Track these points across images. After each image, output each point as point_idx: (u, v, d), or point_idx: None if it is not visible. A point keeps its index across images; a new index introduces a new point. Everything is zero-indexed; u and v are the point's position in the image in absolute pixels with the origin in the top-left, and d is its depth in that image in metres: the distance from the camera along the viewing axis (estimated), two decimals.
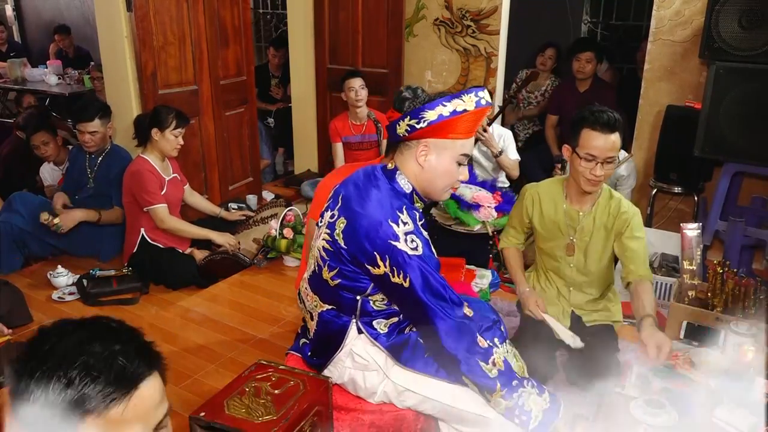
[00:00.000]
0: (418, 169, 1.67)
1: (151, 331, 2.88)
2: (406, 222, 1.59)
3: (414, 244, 1.58)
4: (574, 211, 2.31)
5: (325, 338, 1.78)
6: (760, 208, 3.47)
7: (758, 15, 2.79)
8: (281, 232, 3.44)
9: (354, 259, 1.63)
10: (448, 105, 1.57)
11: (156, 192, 3.24)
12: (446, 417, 1.76)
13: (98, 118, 3.45)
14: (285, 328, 2.90)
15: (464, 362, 1.59)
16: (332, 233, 1.67)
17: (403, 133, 1.63)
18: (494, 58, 4.33)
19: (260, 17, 7.13)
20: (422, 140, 1.63)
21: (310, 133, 5.05)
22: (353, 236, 1.61)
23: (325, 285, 1.72)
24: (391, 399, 1.77)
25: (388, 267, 1.57)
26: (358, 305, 1.70)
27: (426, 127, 1.59)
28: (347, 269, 1.65)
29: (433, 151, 1.64)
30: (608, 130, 2.11)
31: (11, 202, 3.55)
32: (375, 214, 1.59)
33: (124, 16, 3.50)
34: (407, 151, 1.68)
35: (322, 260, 1.71)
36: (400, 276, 1.57)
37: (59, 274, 3.28)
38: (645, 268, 2.23)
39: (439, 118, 1.57)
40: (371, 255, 1.58)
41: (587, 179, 2.18)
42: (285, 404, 1.54)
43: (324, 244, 1.70)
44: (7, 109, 6.33)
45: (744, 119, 2.90)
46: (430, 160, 1.65)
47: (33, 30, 8.04)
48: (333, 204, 1.74)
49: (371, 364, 1.73)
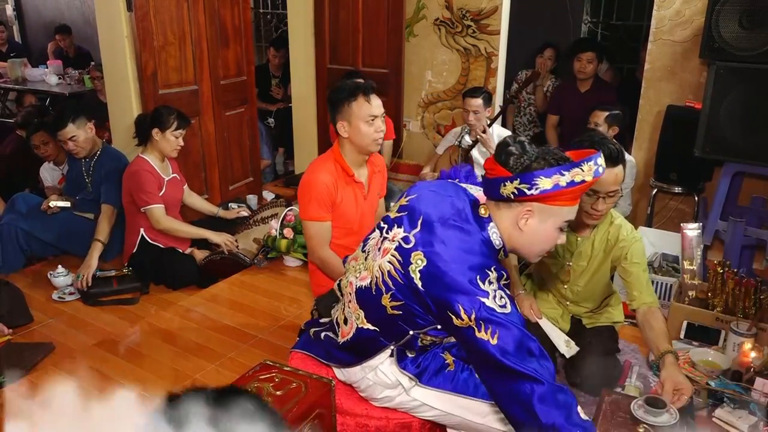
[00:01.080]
0: (515, 231, 1.54)
1: (151, 331, 2.88)
2: (492, 282, 1.46)
3: (503, 301, 1.45)
4: (573, 236, 2.25)
5: (355, 349, 1.72)
6: (761, 208, 3.46)
7: (758, 15, 2.78)
8: (281, 232, 3.44)
9: (433, 303, 1.49)
10: (566, 174, 1.42)
11: (153, 192, 3.24)
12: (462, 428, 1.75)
13: (71, 122, 3.38)
14: (285, 328, 2.90)
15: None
16: (406, 266, 1.51)
17: (509, 195, 1.47)
18: (494, 58, 4.33)
19: (260, 17, 7.13)
20: (527, 203, 1.49)
21: (311, 133, 5.05)
22: (434, 282, 1.47)
23: (380, 309, 1.59)
24: (408, 409, 1.76)
25: (474, 322, 1.42)
26: (406, 338, 1.62)
27: (537, 195, 1.44)
28: (415, 308, 1.54)
29: (536, 216, 1.51)
30: (611, 164, 2.00)
31: (14, 203, 3.56)
32: (462, 266, 1.45)
33: (125, 16, 3.50)
34: (506, 209, 1.53)
35: (385, 285, 1.56)
36: (488, 332, 1.41)
37: (59, 274, 3.28)
38: (650, 295, 2.14)
39: (554, 188, 1.43)
40: (455, 307, 1.43)
41: (589, 213, 2.11)
42: (285, 406, 1.54)
43: (391, 270, 1.54)
44: (8, 109, 6.34)
45: (744, 119, 2.89)
46: (531, 225, 1.52)
47: (33, 30, 8.05)
48: (408, 221, 1.57)
49: (392, 383, 1.71)
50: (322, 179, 2.40)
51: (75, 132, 3.41)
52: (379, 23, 4.51)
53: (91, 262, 3.23)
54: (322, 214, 2.40)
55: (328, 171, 2.43)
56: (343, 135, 2.41)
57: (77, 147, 3.44)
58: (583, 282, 2.32)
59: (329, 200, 2.41)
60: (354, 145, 2.42)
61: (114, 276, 3.25)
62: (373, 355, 1.68)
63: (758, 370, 2.08)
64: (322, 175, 2.41)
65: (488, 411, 1.67)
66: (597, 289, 2.36)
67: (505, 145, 1.50)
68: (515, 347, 1.40)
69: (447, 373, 1.71)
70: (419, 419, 1.79)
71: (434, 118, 4.70)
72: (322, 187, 2.39)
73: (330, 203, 2.42)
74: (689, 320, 2.55)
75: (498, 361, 1.40)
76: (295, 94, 5.09)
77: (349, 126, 2.39)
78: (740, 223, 3.13)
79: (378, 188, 2.63)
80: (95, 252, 3.27)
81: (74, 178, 3.66)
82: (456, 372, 1.70)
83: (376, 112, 2.38)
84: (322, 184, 2.39)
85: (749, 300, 2.50)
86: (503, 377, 1.41)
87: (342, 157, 2.45)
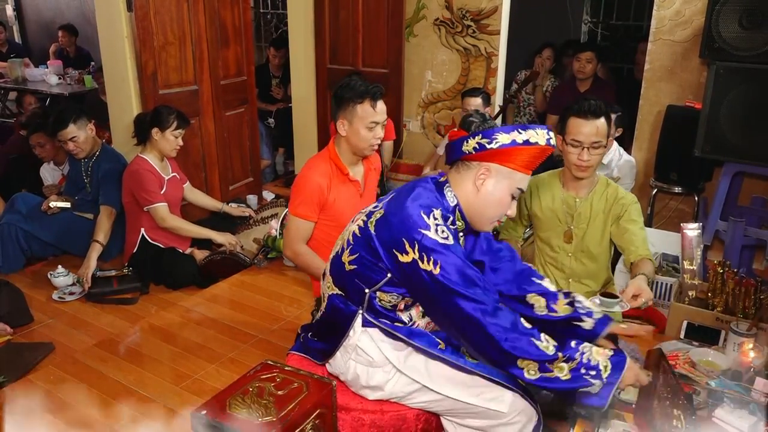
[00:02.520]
0: (472, 191, 1.66)
1: (151, 331, 2.88)
2: (437, 218, 1.59)
3: (445, 234, 1.58)
4: (571, 198, 2.38)
5: (331, 324, 1.78)
6: (761, 208, 3.47)
7: (758, 15, 2.79)
8: (281, 232, 3.44)
9: (382, 245, 1.62)
10: (522, 133, 1.58)
11: (156, 191, 3.25)
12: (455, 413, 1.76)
13: (72, 123, 3.39)
14: (285, 328, 2.90)
15: (514, 343, 1.54)
16: (367, 221, 1.67)
17: (470, 150, 1.61)
18: (494, 58, 4.33)
19: (260, 17, 7.13)
20: (485, 163, 1.63)
21: (311, 133, 5.05)
22: (384, 224, 1.62)
23: (342, 268, 1.71)
24: (400, 398, 1.77)
25: (417, 253, 1.56)
26: (366, 298, 1.70)
27: (496, 149, 1.58)
28: (367, 258, 1.65)
29: (493, 176, 1.64)
30: (593, 116, 2.22)
31: (13, 203, 3.56)
32: (410, 207, 1.60)
33: (125, 16, 3.51)
34: (465, 171, 1.67)
35: (347, 243, 1.71)
36: (430, 262, 1.55)
37: (59, 274, 3.28)
38: (646, 249, 2.25)
39: (512, 143, 1.58)
40: (399, 241, 1.58)
41: (576, 165, 2.27)
42: (286, 406, 1.54)
43: (355, 229, 1.70)
44: (8, 109, 6.34)
45: (744, 119, 2.90)
46: (488, 185, 1.65)
47: (33, 30, 8.04)
48: (383, 199, 1.75)
49: (377, 360, 1.73)
50: (316, 180, 2.44)
51: (76, 132, 3.42)
52: (379, 23, 4.51)
53: (89, 264, 3.23)
54: (308, 214, 2.46)
55: (322, 172, 2.46)
56: (341, 133, 2.44)
57: (77, 147, 3.45)
58: (584, 244, 2.38)
59: (320, 201, 2.46)
60: (350, 145, 2.45)
61: (114, 276, 3.25)
62: (345, 329, 1.73)
63: (758, 370, 2.08)
64: (317, 176, 2.45)
65: (479, 390, 1.68)
66: (597, 256, 2.41)
67: (468, 116, 1.68)
68: (458, 275, 1.55)
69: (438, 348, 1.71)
70: (414, 411, 1.79)
71: (434, 118, 4.70)
72: (314, 187, 2.43)
73: (320, 204, 2.47)
74: (689, 320, 2.55)
75: (443, 287, 1.54)
76: (295, 94, 5.09)
77: (350, 126, 2.41)
78: (740, 223, 3.13)
79: (374, 184, 2.66)
80: (93, 253, 3.27)
81: (74, 178, 3.66)
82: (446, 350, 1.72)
83: (378, 119, 2.40)
84: (316, 185, 2.43)
85: (749, 300, 2.50)
86: (448, 303, 1.56)
87: (337, 155, 2.48)
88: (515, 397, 1.70)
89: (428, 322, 1.79)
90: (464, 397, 1.70)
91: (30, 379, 2.49)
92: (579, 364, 1.56)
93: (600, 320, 1.80)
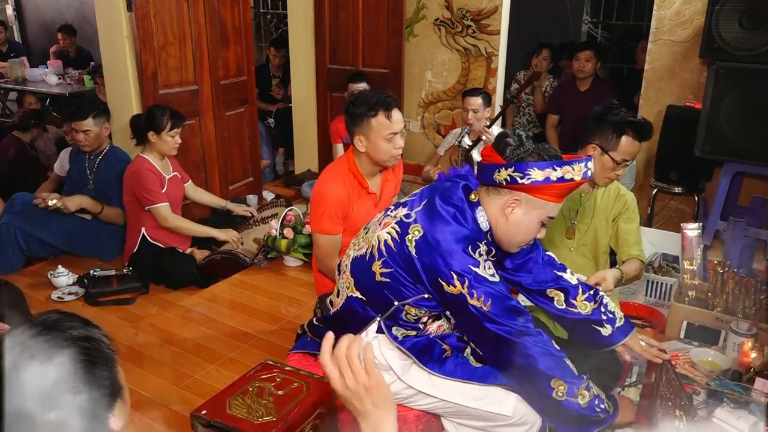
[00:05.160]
0: (501, 218, 1.62)
1: (152, 331, 2.88)
2: (482, 254, 1.57)
3: (491, 271, 1.56)
4: (577, 194, 2.38)
5: (344, 321, 1.74)
6: (761, 208, 3.47)
7: (758, 15, 2.79)
8: (281, 232, 3.44)
9: (425, 271, 1.57)
10: (558, 170, 1.53)
11: (157, 191, 3.25)
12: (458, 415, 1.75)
13: (91, 118, 3.45)
14: (285, 328, 2.90)
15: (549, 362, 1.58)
16: (403, 235, 1.60)
17: (501, 181, 1.57)
18: (494, 58, 4.33)
19: (260, 17, 7.13)
20: (515, 192, 1.58)
21: (311, 133, 5.05)
22: (428, 250, 1.56)
23: (370, 276, 1.66)
24: (402, 400, 1.76)
25: (466, 289, 1.53)
26: (391, 309, 1.66)
27: (528, 185, 1.54)
28: (402, 275, 1.60)
29: (523, 206, 1.60)
30: (645, 140, 2.23)
31: (13, 203, 3.55)
32: (454, 237, 1.55)
33: (125, 16, 3.50)
34: (495, 195, 1.62)
35: (379, 253, 1.64)
36: (480, 300, 1.53)
37: (59, 274, 3.28)
38: (638, 249, 2.32)
39: (545, 180, 1.53)
40: (447, 273, 1.53)
41: (608, 178, 2.27)
42: (286, 406, 1.54)
43: (388, 239, 1.63)
44: (8, 110, 6.33)
45: (744, 119, 2.90)
46: (517, 214, 1.61)
47: (33, 30, 8.04)
48: (415, 203, 1.67)
49: (382, 364, 1.72)
50: (336, 193, 2.32)
51: (91, 127, 3.46)
52: (379, 23, 4.51)
53: (80, 198, 3.43)
54: (334, 227, 2.35)
55: (342, 184, 2.34)
56: (359, 149, 2.32)
57: (86, 140, 3.48)
58: (586, 238, 2.39)
59: (342, 213, 2.35)
60: (371, 159, 2.34)
61: (114, 276, 3.25)
62: (357, 331, 1.70)
63: (758, 370, 2.08)
64: (336, 188, 2.32)
65: (483, 395, 1.68)
66: (600, 254, 2.42)
67: (504, 136, 1.59)
68: (504, 311, 1.55)
69: (443, 359, 1.72)
70: (414, 412, 1.78)
71: (434, 118, 4.70)
72: (335, 200, 2.31)
73: (343, 216, 2.36)
74: (689, 320, 2.55)
75: (490, 325, 1.54)
76: (295, 94, 5.09)
77: (367, 141, 2.29)
78: (740, 223, 3.13)
79: (390, 194, 2.58)
80: (89, 200, 3.45)
81: (76, 174, 3.66)
82: (451, 358, 1.72)
83: (396, 128, 2.27)
84: (336, 198, 2.31)
85: (749, 300, 2.50)
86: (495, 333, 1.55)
87: (357, 168, 2.36)
88: (519, 400, 1.69)
89: (439, 326, 1.77)
90: (467, 401, 1.69)
91: None
92: (595, 395, 1.61)
93: (620, 328, 1.81)
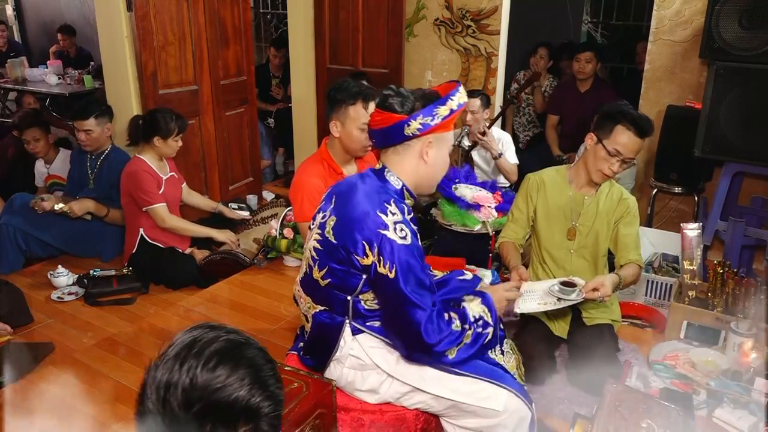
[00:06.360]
0: (420, 164, 1.70)
1: (151, 331, 2.88)
2: (394, 212, 1.61)
3: (403, 233, 1.60)
4: (580, 196, 2.38)
5: (320, 339, 1.78)
6: (761, 208, 3.47)
7: (758, 15, 2.78)
8: (281, 232, 3.44)
9: (344, 252, 1.63)
10: (454, 99, 1.64)
11: (154, 191, 3.25)
12: (453, 412, 1.76)
13: (94, 118, 3.45)
14: (285, 328, 2.90)
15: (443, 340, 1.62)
16: (323, 232, 1.69)
17: (414, 133, 1.64)
18: (494, 58, 4.33)
19: (260, 17, 7.13)
20: (425, 137, 1.66)
21: (311, 133, 5.05)
22: (342, 229, 1.64)
23: (317, 285, 1.73)
24: (396, 399, 1.77)
25: (376, 256, 1.59)
26: (350, 305, 1.71)
27: (437, 124, 1.63)
28: (337, 267, 1.66)
29: (434, 145, 1.69)
30: (641, 135, 2.17)
31: (12, 203, 3.56)
32: (363, 206, 1.62)
33: (125, 16, 3.51)
34: (404, 150, 1.70)
35: (313, 260, 1.72)
36: (386, 266, 1.58)
37: (59, 274, 3.28)
38: (636, 254, 2.33)
39: (450, 112, 1.64)
40: (360, 244, 1.60)
41: (603, 173, 2.24)
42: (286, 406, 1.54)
43: (315, 244, 1.72)
44: (8, 109, 6.33)
45: (744, 119, 2.90)
46: (432, 154, 1.70)
47: (33, 30, 8.03)
48: (326, 205, 1.76)
49: (368, 363, 1.73)
50: (313, 182, 2.47)
51: (93, 127, 3.47)
52: (379, 23, 4.51)
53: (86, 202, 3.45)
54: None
55: (316, 173, 2.49)
56: (334, 134, 2.48)
57: (88, 139, 3.48)
58: (587, 240, 2.39)
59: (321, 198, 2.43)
60: (343, 145, 2.50)
61: (114, 276, 3.25)
62: (335, 342, 1.74)
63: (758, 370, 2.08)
64: (312, 178, 2.48)
65: (473, 390, 1.70)
66: (600, 256, 2.42)
67: (386, 97, 1.66)
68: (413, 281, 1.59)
69: None
70: (413, 412, 1.79)
71: None
72: (311, 186, 2.46)
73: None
74: (689, 320, 2.55)
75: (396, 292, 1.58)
76: (295, 94, 5.09)
77: (342, 128, 2.45)
78: (740, 223, 3.13)
79: None
80: (95, 204, 3.47)
81: (76, 175, 3.66)
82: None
83: None
84: (312, 185, 2.46)
85: (749, 300, 2.50)
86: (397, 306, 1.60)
87: (330, 155, 2.52)
88: (509, 395, 1.71)
89: None
90: (457, 396, 1.70)
91: (30, 379, 2.49)
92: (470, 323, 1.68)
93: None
